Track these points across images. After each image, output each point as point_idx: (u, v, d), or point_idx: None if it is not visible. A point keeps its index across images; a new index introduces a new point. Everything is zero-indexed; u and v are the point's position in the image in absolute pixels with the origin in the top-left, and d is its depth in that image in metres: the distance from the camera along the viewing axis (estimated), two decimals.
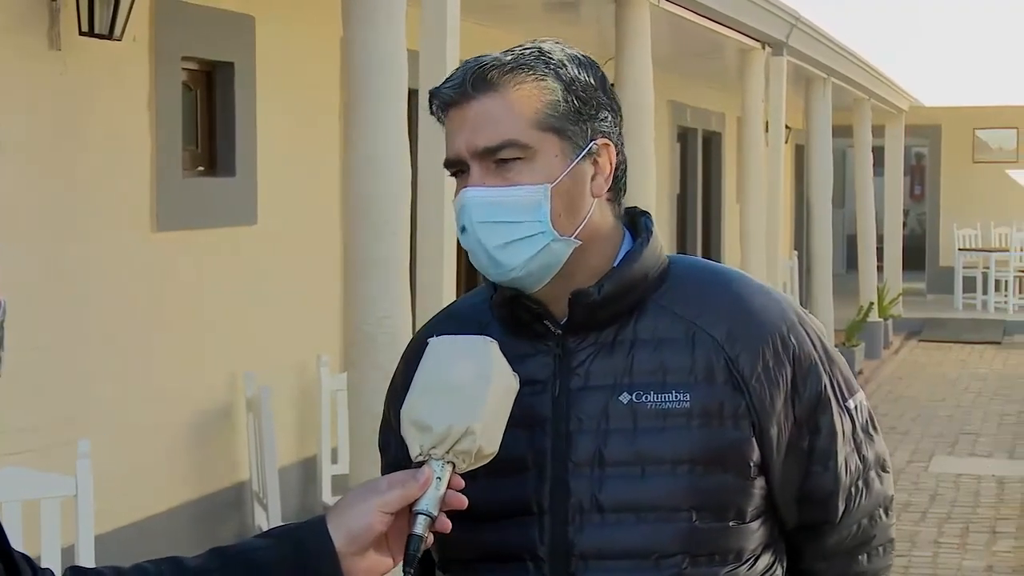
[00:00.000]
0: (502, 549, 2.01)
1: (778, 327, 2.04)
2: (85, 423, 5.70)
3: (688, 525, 1.97)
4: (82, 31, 5.62)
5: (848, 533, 2.11)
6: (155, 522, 6.25)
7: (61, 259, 5.71)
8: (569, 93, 1.98)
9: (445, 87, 1.99)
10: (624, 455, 1.98)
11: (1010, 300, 20.04)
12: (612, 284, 2.00)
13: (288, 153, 7.29)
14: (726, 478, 1.99)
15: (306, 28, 7.40)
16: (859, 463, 2.09)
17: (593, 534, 1.97)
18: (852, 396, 2.11)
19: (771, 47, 11.41)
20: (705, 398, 1.98)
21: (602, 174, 2.03)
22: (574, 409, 2.00)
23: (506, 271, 1.97)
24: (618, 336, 2.01)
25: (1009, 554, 8.15)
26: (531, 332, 2.03)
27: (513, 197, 1.95)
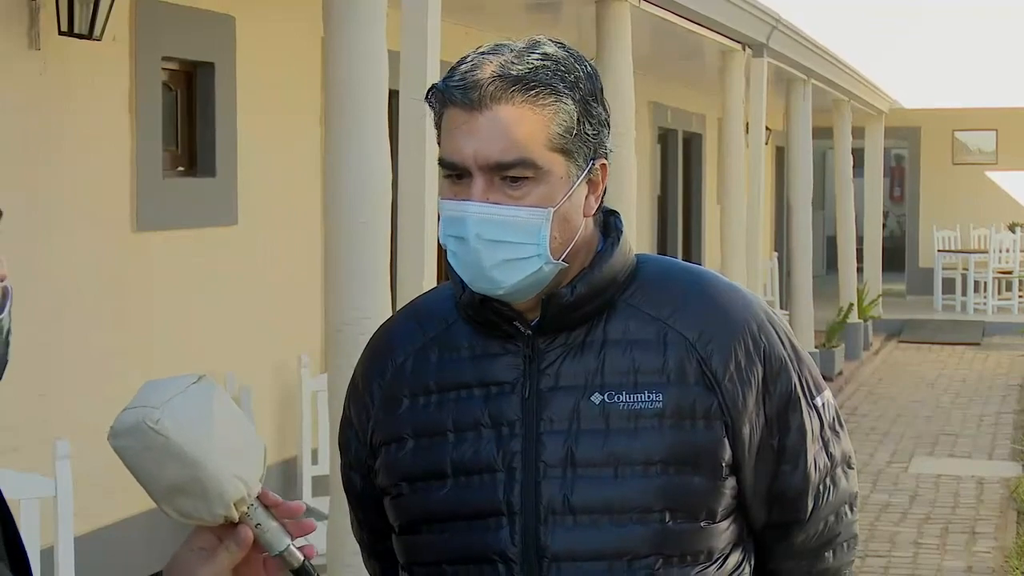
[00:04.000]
0: (472, 551, 1.99)
1: (749, 326, 2.03)
2: (63, 423, 5.68)
3: (661, 526, 1.96)
4: (61, 31, 5.60)
5: (816, 531, 2.11)
6: (132, 524, 6.23)
7: (41, 259, 5.70)
8: (583, 114, 1.95)
9: (456, 88, 1.92)
10: (596, 456, 1.96)
11: (989, 301, 20.11)
12: (584, 286, 1.99)
13: (268, 153, 7.29)
14: (698, 479, 1.98)
15: (287, 28, 7.39)
16: (827, 461, 2.09)
17: (565, 536, 1.96)
18: (820, 394, 2.10)
19: (752, 49, 11.43)
20: (677, 398, 1.97)
21: (595, 193, 2.02)
22: (544, 410, 1.98)
23: (496, 288, 1.95)
24: (588, 337, 2.00)
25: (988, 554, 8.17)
26: (500, 332, 2.01)
27: (518, 218, 1.92)
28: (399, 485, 2.04)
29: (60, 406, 5.78)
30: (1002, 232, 21.10)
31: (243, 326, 7.09)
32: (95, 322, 6.01)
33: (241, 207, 7.04)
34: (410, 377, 2.05)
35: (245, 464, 1.75)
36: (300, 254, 7.56)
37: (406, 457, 2.04)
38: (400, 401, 2.05)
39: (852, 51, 16.29)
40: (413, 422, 2.03)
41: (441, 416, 2.01)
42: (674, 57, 12.51)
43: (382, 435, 2.07)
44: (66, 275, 5.84)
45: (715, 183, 14.97)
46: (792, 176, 14.30)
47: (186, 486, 1.72)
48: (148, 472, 1.75)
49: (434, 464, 2.00)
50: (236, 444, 1.75)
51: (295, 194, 7.52)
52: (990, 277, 20.20)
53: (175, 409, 1.73)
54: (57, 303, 5.79)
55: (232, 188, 6.98)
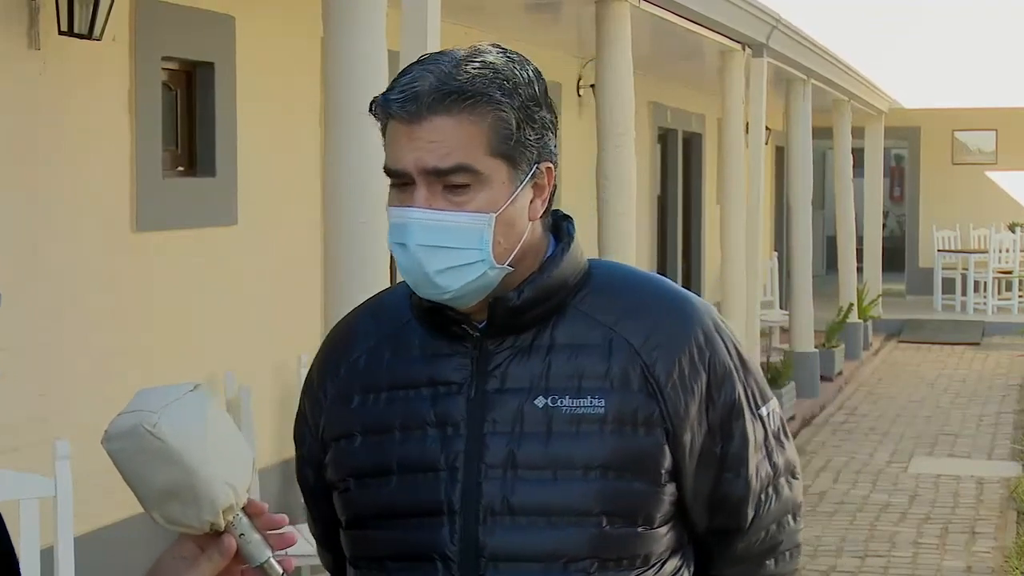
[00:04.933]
0: (413, 548, 2.02)
1: (695, 334, 2.04)
2: (63, 423, 5.68)
3: (598, 530, 1.98)
4: (61, 30, 5.60)
5: (757, 539, 2.13)
6: (132, 524, 6.22)
7: (40, 259, 5.70)
8: (522, 120, 1.97)
9: (395, 101, 1.96)
10: (537, 459, 1.98)
11: (989, 301, 20.11)
12: (532, 289, 2.01)
13: (268, 153, 7.28)
14: (638, 484, 2.00)
15: (287, 28, 7.39)
16: (769, 470, 2.11)
17: (503, 536, 1.98)
18: (765, 404, 2.12)
19: (751, 48, 11.43)
20: (620, 404, 1.99)
21: (540, 197, 2.03)
22: (489, 412, 2.00)
23: (440, 293, 1.98)
24: (536, 340, 2.02)
25: (988, 554, 8.18)
26: (450, 333, 2.04)
27: (459, 223, 1.95)
28: (346, 480, 2.07)
29: (60, 406, 5.78)
30: (1002, 232, 21.11)
31: (243, 326, 7.09)
32: (95, 322, 6.01)
33: (241, 207, 7.03)
34: (363, 374, 2.09)
35: (235, 472, 1.77)
36: (300, 254, 7.56)
37: (354, 453, 2.07)
38: (352, 397, 2.09)
39: (852, 51, 16.29)
40: (363, 418, 2.07)
41: (390, 414, 2.05)
42: (674, 57, 12.51)
43: (333, 430, 2.10)
44: (66, 275, 5.83)
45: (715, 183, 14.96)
46: (792, 176, 14.30)
47: (178, 491, 1.74)
48: (141, 476, 1.77)
49: (381, 461, 2.03)
50: (228, 452, 1.77)
51: (295, 194, 7.52)
52: (990, 277, 20.20)
53: (172, 415, 1.76)
54: (57, 303, 5.79)
55: (232, 188, 6.98)
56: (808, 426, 12.60)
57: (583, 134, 10.59)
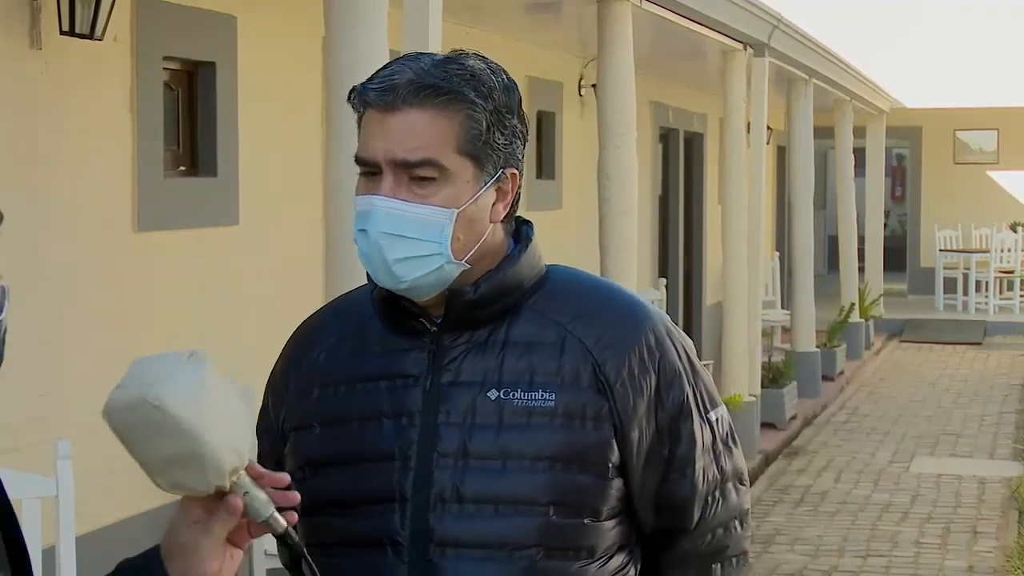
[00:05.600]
0: (364, 534, 2.08)
1: (646, 336, 2.12)
2: (63, 423, 5.68)
3: (544, 520, 2.04)
4: (63, 30, 5.60)
5: (703, 541, 2.18)
6: (133, 524, 6.23)
7: (41, 259, 5.70)
8: (493, 124, 2.04)
9: (373, 90, 2.04)
10: (487, 449, 2.05)
11: (990, 301, 20.11)
12: (488, 286, 2.08)
13: (270, 153, 7.28)
14: (584, 477, 2.06)
15: (288, 28, 7.39)
16: (716, 474, 2.17)
17: (453, 523, 2.04)
18: (714, 409, 2.18)
19: (753, 48, 11.43)
20: (569, 399, 2.06)
21: (503, 201, 2.10)
22: (443, 403, 2.07)
23: (397, 282, 2.05)
24: (491, 337, 2.09)
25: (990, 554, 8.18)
26: (409, 328, 2.11)
27: (420, 215, 2.01)
28: (303, 469, 2.14)
29: (60, 406, 5.78)
30: (1003, 232, 21.11)
31: (244, 326, 7.08)
32: (95, 322, 6.01)
33: (243, 207, 7.03)
34: (323, 369, 2.17)
35: (238, 435, 1.81)
36: (301, 254, 7.56)
37: (312, 442, 2.15)
38: (312, 391, 2.17)
39: (853, 51, 16.29)
40: (321, 411, 2.15)
41: (348, 406, 2.12)
42: (675, 57, 12.50)
43: (292, 422, 2.18)
44: (67, 275, 5.83)
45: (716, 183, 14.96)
46: (793, 176, 14.30)
47: (184, 458, 1.78)
48: (145, 447, 1.82)
49: (337, 451, 2.11)
50: (230, 416, 1.81)
51: (297, 194, 7.52)
52: (991, 277, 20.20)
53: (173, 385, 1.80)
54: (58, 303, 5.79)
55: (233, 188, 6.98)
56: (810, 426, 12.60)
57: (584, 134, 10.59)
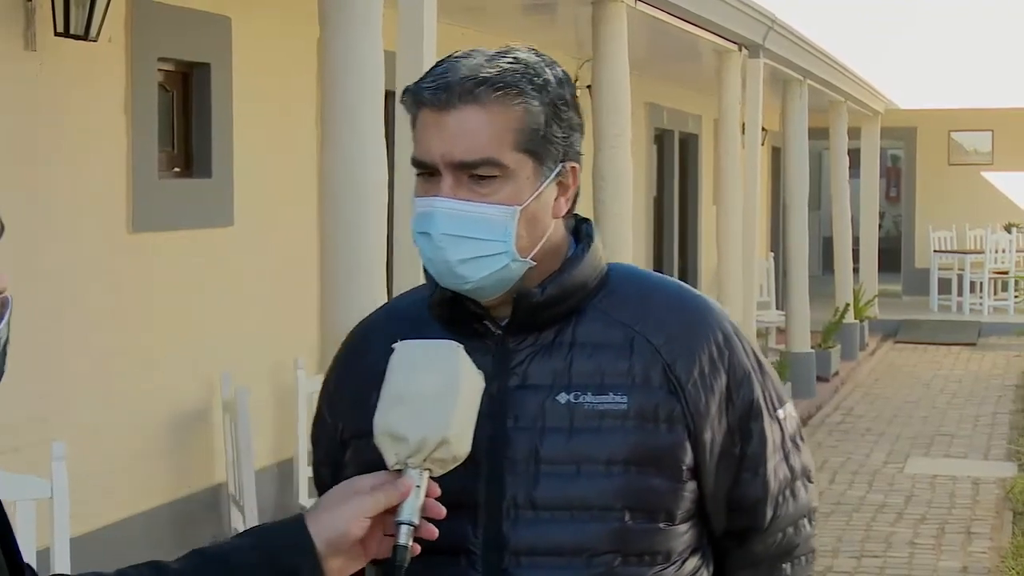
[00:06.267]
0: (435, 542, 2.00)
1: (715, 336, 2.09)
2: (60, 424, 5.68)
3: (620, 525, 2.01)
4: (57, 32, 5.60)
5: (773, 541, 2.15)
6: (131, 524, 6.23)
7: (36, 260, 5.70)
8: (551, 117, 2.00)
9: (427, 89, 1.99)
10: (559, 454, 2.01)
11: (985, 302, 20.12)
12: (554, 287, 2.04)
13: (265, 154, 7.28)
14: (659, 480, 2.03)
15: (283, 29, 7.39)
16: (787, 472, 2.15)
17: (527, 530, 2.00)
18: (782, 406, 2.16)
19: (748, 49, 11.43)
20: (641, 400, 2.02)
21: (564, 196, 2.06)
22: (511, 407, 2.03)
23: (462, 283, 2.00)
24: (557, 338, 2.05)
25: (984, 555, 8.18)
26: (470, 331, 2.06)
27: (483, 214, 1.97)
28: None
29: (58, 407, 5.78)
30: (998, 232, 21.12)
31: (240, 327, 7.09)
32: (91, 322, 6.00)
33: (237, 208, 7.03)
34: (380, 376, 2.08)
35: (462, 438, 1.87)
36: (297, 255, 7.56)
37: (374, 449, 2.06)
38: (369, 398, 2.08)
39: (848, 52, 16.30)
40: None
41: None
42: (670, 58, 12.51)
43: (351, 430, 2.13)
44: (62, 276, 5.83)
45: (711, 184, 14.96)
46: (788, 176, 14.30)
47: (427, 401, 1.85)
48: (412, 376, 1.88)
49: None
50: (468, 416, 1.89)
51: (291, 195, 7.52)
52: (986, 277, 20.21)
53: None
54: (53, 304, 5.78)
55: (228, 189, 6.98)
56: (804, 426, 12.60)
57: None
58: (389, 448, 1.86)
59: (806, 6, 17.09)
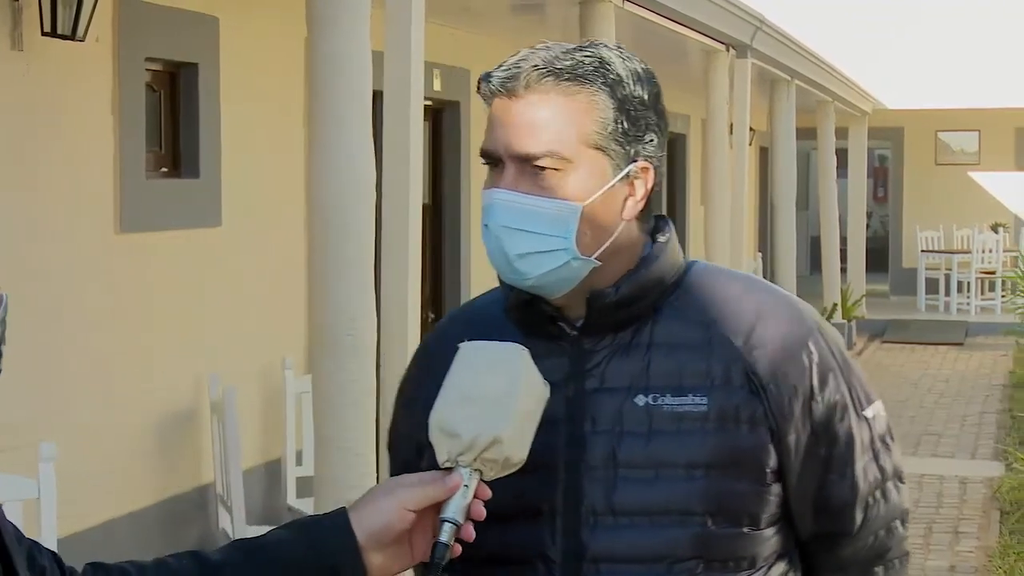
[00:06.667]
0: (512, 550, 1.98)
1: (797, 335, 2.01)
2: (47, 425, 5.67)
3: (702, 530, 1.95)
4: (44, 31, 5.59)
5: (864, 544, 2.08)
6: (118, 524, 6.22)
7: (23, 261, 5.68)
8: (621, 113, 1.94)
9: (498, 76, 1.95)
10: (638, 458, 1.95)
11: (972, 302, 20.15)
12: (629, 286, 1.98)
13: (253, 155, 7.28)
14: (741, 483, 1.97)
15: (271, 29, 7.38)
16: (877, 473, 2.07)
17: (606, 537, 1.95)
18: (870, 405, 2.08)
19: (735, 49, 11.44)
20: (722, 402, 1.96)
21: (635, 197, 1.98)
22: (589, 410, 1.97)
23: (521, 279, 1.95)
24: (634, 339, 1.99)
25: (971, 554, 8.20)
26: (546, 333, 2.01)
27: (543, 208, 1.92)
28: None
29: (46, 407, 5.77)
30: (985, 232, 21.16)
31: (227, 327, 7.08)
32: (79, 324, 5.99)
33: (225, 208, 7.02)
34: None
35: (517, 442, 1.85)
36: (284, 255, 7.55)
37: None
38: None
39: (836, 52, 16.32)
40: None
41: None
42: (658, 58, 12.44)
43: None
44: (50, 276, 5.82)
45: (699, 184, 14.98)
46: (776, 176, 14.32)
47: (487, 402, 1.83)
48: (474, 375, 1.87)
49: None
50: (527, 421, 1.87)
51: (279, 195, 7.51)
52: (973, 277, 20.25)
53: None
54: (39, 304, 5.77)
55: (216, 189, 6.97)
56: None
57: None
58: (442, 445, 1.84)
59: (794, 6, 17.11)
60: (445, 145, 9.99)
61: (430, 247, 9.49)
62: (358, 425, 4.89)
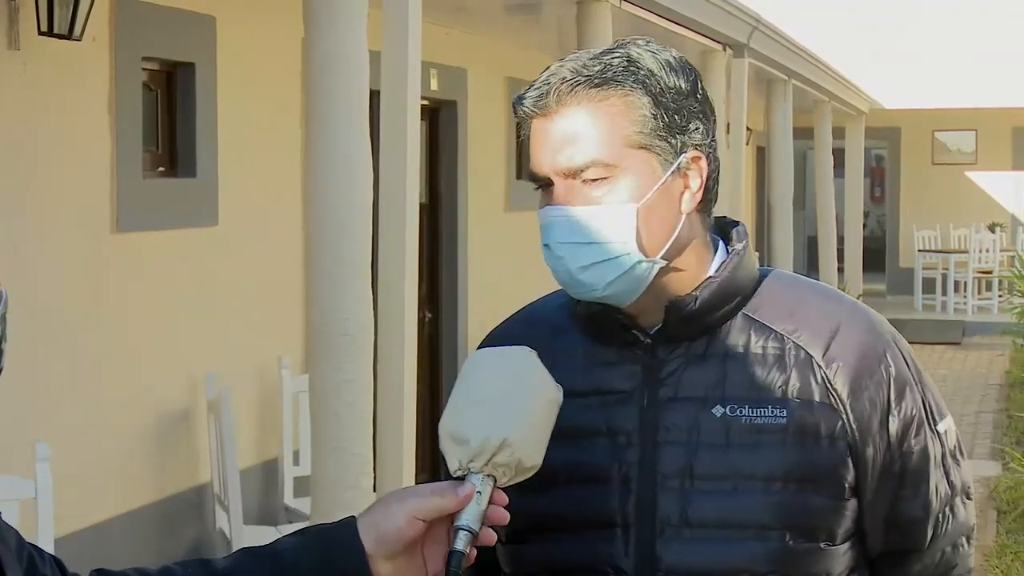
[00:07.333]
0: (583, 562, 1.96)
1: (875, 347, 2.00)
2: (43, 425, 5.66)
3: (780, 544, 1.92)
4: (41, 31, 5.58)
5: (932, 561, 2.05)
6: (115, 524, 6.21)
7: (20, 260, 5.68)
8: (658, 107, 1.92)
9: (528, 98, 1.94)
10: (715, 470, 1.93)
11: (969, 301, 20.17)
12: (708, 294, 1.95)
13: (249, 154, 7.27)
14: (819, 498, 1.94)
15: (268, 29, 7.38)
16: (948, 489, 2.04)
17: (681, 550, 1.92)
18: (942, 419, 2.05)
19: (732, 49, 11.44)
20: (801, 415, 1.93)
21: (691, 188, 1.96)
22: (663, 420, 1.95)
23: (588, 291, 1.93)
24: (709, 348, 1.96)
25: None
26: (618, 340, 1.98)
27: (597, 217, 1.90)
28: (504, 492, 1.96)
29: (42, 407, 5.76)
30: (982, 232, 21.17)
31: (224, 327, 7.07)
32: (75, 323, 5.99)
33: (222, 208, 7.02)
34: None
35: (528, 446, 1.81)
36: (281, 255, 7.55)
37: None
38: None
39: (833, 52, 16.32)
40: None
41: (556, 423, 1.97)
42: None
43: None
44: (46, 276, 5.82)
45: None
46: (773, 176, 14.32)
47: (488, 409, 1.80)
48: (482, 378, 1.85)
49: (545, 473, 1.89)
50: (537, 424, 1.83)
51: (276, 195, 7.51)
52: (970, 277, 20.26)
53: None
54: (35, 304, 5.77)
55: (213, 189, 6.97)
56: None
57: None
58: (452, 452, 1.81)
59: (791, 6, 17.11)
60: (442, 144, 9.99)
61: (427, 246, 9.49)
62: (355, 425, 4.89)
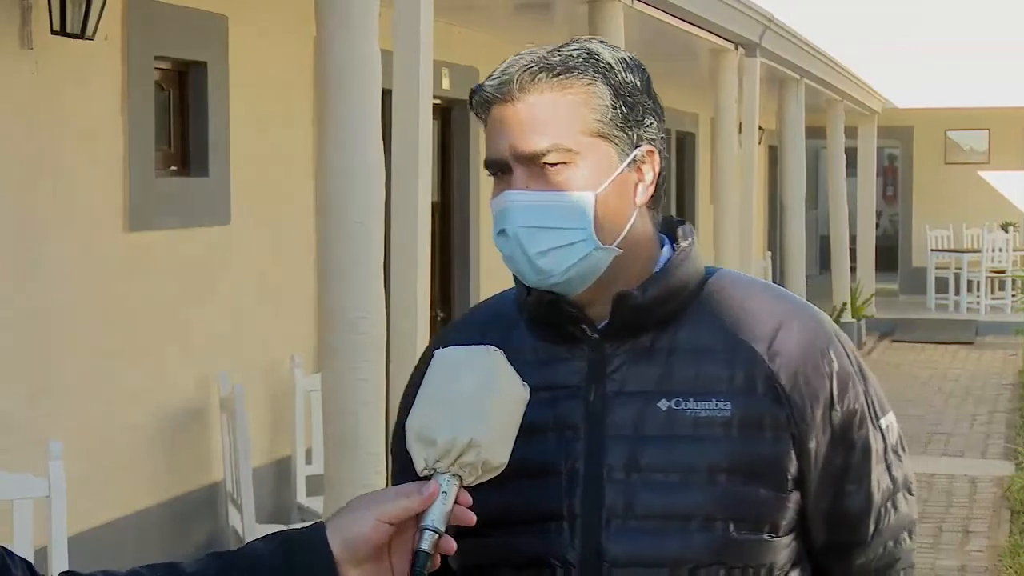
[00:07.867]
0: (531, 555, 1.97)
1: (818, 343, 2.02)
2: (56, 423, 5.67)
3: (724, 535, 1.94)
4: (54, 30, 5.59)
5: (875, 555, 2.08)
6: (128, 522, 6.22)
7: (33, 259, 5.69)
8: (617, 99, 1.96)
9: (489, 85, 1.96)
10: (660, 462, 1.95)
11: (982, 301, 20.13)
12: (656, 288, 1.98)
13: (261, 153, 7.28)
14: (763, 490, 1.97)
15: (279, 28, 7.39)
16: (889, 483, 2.07)
17: (626, 541, 1.94)
18: (884, 415, 2.09)
19: (744, 48, 11.43)
20: (746, 408, 1.96)
21: (645, 182, 2.00)
22: (609, 414, 1.97)
23: (545, 278, 1.95)
24: (656, 343, 1.99)
25: (981, 553, 8.18)
26: (565, 335, 2.00)
27: (558, 203, 1.92)
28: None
29: (55, 405, 5.78)
30: (995, 231, 21.14)
31: (236, 326, 7.08)
32: (87, 322, 6.00)
33: (234, 207, 7.03)
34: None
35: (495, 445, 1.81)
36: (293, 254, 7.56)
37: None
38: None
39: (845, 51, 16.30)
40: None
41: None
42: (667, 57, 12.50)
43: None
44: (58, 275, 5.83)
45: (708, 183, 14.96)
46: (785, 176, 14.30)
47: (453, 409, 1.80)
48: (448, 380, 1.83)
49: None
50: (504, 423, 1.83)
51: (288, 193, 7.51)
52: (983, 276, 20.22)
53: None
54: (49, 303, 5.78)
55: (225, 188, 6.98)
56: None
57: None
58: (418, 453, 1.81)
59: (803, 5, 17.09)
60: (454, 143, 10.00)
61: (439, 245, 9.49)
62: (368, 423, 4.89)
